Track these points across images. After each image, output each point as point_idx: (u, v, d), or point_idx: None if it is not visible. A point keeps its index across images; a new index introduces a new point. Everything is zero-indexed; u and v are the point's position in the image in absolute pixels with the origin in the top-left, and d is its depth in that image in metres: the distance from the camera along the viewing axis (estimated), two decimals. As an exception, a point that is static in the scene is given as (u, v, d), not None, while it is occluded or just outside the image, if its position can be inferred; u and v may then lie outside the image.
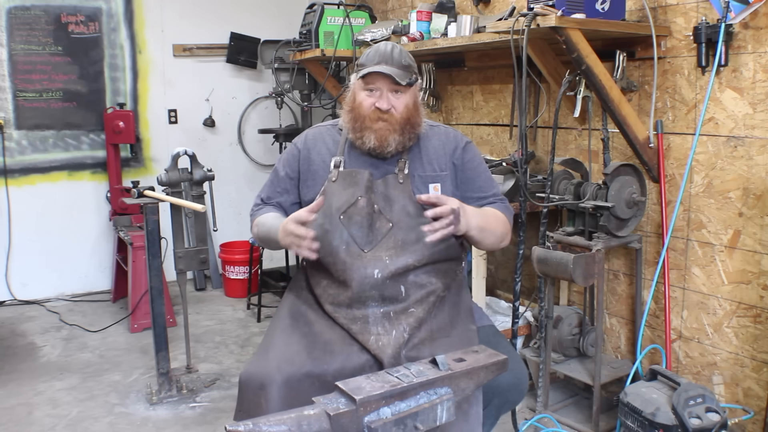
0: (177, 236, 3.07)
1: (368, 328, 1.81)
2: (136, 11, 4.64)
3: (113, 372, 3.38)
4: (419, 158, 2.00)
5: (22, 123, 4.42)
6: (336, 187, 1.94)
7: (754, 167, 2.43)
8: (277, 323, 1.95)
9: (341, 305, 1.88)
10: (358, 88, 1.96)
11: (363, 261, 1.86)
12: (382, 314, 1.83)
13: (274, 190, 2.09)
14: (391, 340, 1.77)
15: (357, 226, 1.89)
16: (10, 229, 4.45)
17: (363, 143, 1.94)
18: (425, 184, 1.97)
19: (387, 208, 1.92)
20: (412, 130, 1.95)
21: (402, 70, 1.91)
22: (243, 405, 1.74)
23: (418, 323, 1.83)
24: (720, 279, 2.59)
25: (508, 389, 1.82)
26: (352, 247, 1.88)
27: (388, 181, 1.95)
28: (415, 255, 1.88)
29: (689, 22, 2.57)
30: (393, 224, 1.90)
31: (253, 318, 4.21)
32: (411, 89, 1.95)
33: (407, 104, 1.94)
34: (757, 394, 2.48)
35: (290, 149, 2.10)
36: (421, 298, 1.87)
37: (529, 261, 2.76)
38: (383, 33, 3.68)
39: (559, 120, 2.88)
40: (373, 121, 1.91)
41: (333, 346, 1.79)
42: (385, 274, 1.84)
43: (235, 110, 5.09)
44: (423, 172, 1.99)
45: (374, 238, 1.89)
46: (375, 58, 1.92)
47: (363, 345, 1.79)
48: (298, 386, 1.69)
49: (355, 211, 1.90)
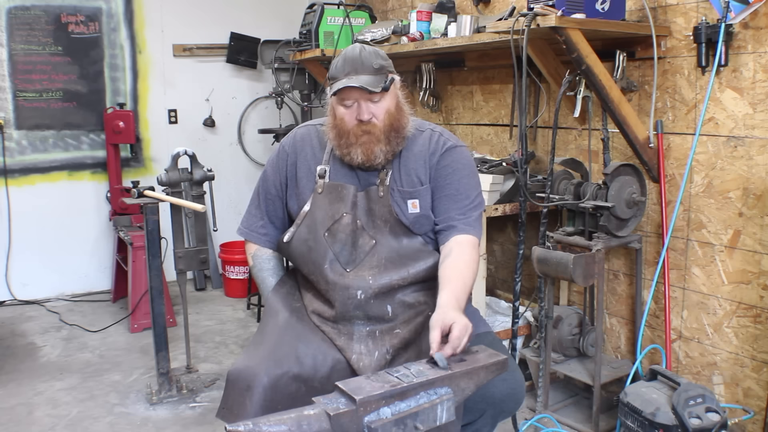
0: (177, 236, 3.07)
1: (351, 346, 1.79)
2: (136, 11, 4.64)
3: (113, 372, 3.38)
4: (398, 170, 1.91)
5: (22, 123, 4.42)
6: (322, 201, 1.91)
7: (754, 167, 2.43)
8: (270, 318, 1.92)
9: (327, 320, 1.87)
10: (335, 103, 1.86)
11: (346, 280, 1.83)
12: (368, 333, 1.82)
13: (266, 208, 2.05)
14: (372, 361, 1.76)
15: (340, 244, 1.86)
16: (10, 229, 4.45)
17: (351, 159, 1.87)
18: (404, 200, 1.89)
19: (369, 223, 1.88)
20: (397, 135, 1.87)
21: (374, 75, 1.80)
22: (227, 402, 1.73)
23: (403, 344, 1.81)
24: (720, 279, 2.59)
25: (503, 399, 1.77)
26: (334, 266, 1.85)
27: (370, 193, 1.90)
28: (399, 273, 1.84)
29: (689, 22, 2.57)
30: (376, 241, 1.87)
31: (253, 318, 4.21)
32: (390, 91, 1.84)
33: (388, 109, 1.84)
34: (757, 394, 2.48)
35: (279, 151, 2.05)
36: (408, 319, 1.84)
37: (529, 261, 2.76)
38: (383, 33, 3.68)
39: (559, 120, 2.88)
40: (357, 137, 1.83)
41: (324, 352, 1.79)
42: (368, 295, 1.81)
43: (235, 110, 5.09)
44: (402, 186, 1.90)
45: (357, 257, 1.86)
46: (344, 67, 1.81)
47: (347, 361, 1.78)
48: (284, 389, 1.69)
49: (339, 228, 1.87)
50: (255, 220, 2.07)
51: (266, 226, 2.05)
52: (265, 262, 2.05)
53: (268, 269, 2.05)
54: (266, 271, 2.05)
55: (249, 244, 2.09)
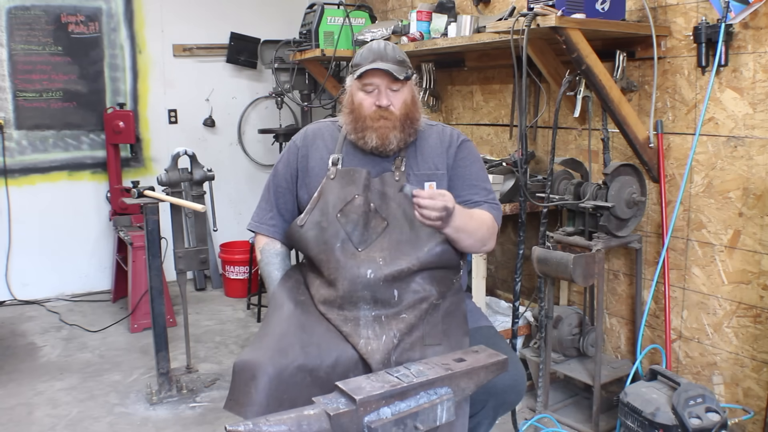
0: (177, 236, 3.07)
1: (358, 331, 1.80)
2: (136, 11, 4.64)
3: (113, 372, 3.38)
4: (415, 156, 2.00)
5: (22, 123, 4.42)
6: (334, 185, 1.95)
7: (754, 167, 2.43)
8: (275, 310, 1.93)
9: (333, 306, 1.87)
10: (355, 89, 1.96)
11: (356, 260, 1.86)
12: (374, 317, 1.83)
13: (276, 201, 2.09)
14: (380, 345, 1.76)
15: (353, 225, 1.90)
16: (10, 229, 4.45)
17: (365, 143, 1.94)
18: (420, 183, 1.97)
19: (383, 206, 1.92)
20: (411, 125, 1.96)
21: (397, 65, 1.91)
22: (233, 393, 1.74)
23: (409, 329, 1.81)
24: (720, 279, 2.59)
25: (505, 391, 1.80)
26: (346, 245, 1.88)
27: (385, 179, 1.95)
28: (410, 260, 1.86)
29: (689, 22, 2.57)
30: (388, 222, 1.90)
31: (253, 318, 4.21)
32: (408, 85, 1.95)
33: (405, 100, 1.94)
34: (757, 394, 2.48)
35: (290, 147, 2.10)
36: (413, 304, 1.86)
37: (529, 261, 2.76)
38: (383, 33, 3.68)
39: (559, 120, 2.88)
40: (374, 121, 1.91)
41: (328, 342, 1.79)
42: (378, 276, 1.83)
43: (235, 110, 5.09)
44: (419, 170, 1.98)
45: (369, 237, 1.90)
46: (369, 56, 1.92)
47: (353, 346, 1.78)
48: (289, 379, 1.69)
49: (352, 209, 1.91)
50: (264, 213, 2.11)
51: (275, 217, 2.08)
52: (272, 257, 2.08)
53: (275, 264, 2.07)
54: (272, 265, 2.07)
55: (258, 238, 2.12)
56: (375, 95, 1.92)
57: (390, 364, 1.72)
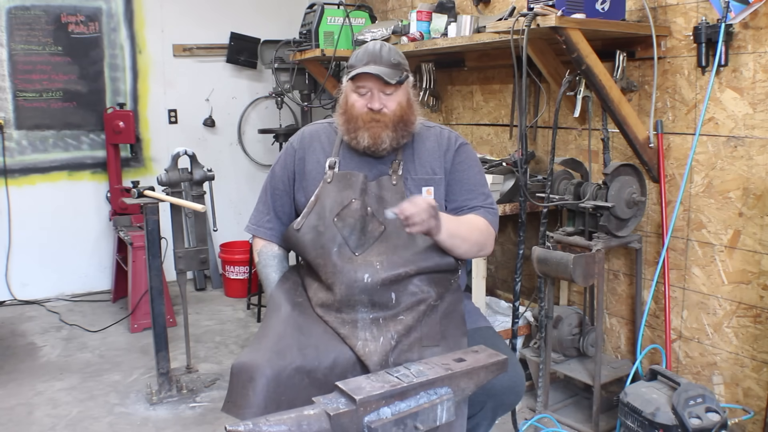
0: (177, 236, 3.07)
1: (356, 333, 1.80)
2: (136, 11, 4.64)
3: (113, 372, 3.38)
4: (413, 160, 1.99)
5: (22, 123, 4.42)
6: (331, 189, 1.94)
7: (754, 167, 2.43)
8: (272, 312, 1.93)
9: (330, 309, 1.87)
10: (349, 90, 1.95)
11: (353, 265, 1.86)
12: (371, 320, 1.82)
13: (273, 204, 2.09)
14: (378, 346, 1.76)
15: (349, 229, 1.90)
16: (10, 229, 4.45)
17: (357, 143, 1.94)
18: (418, 187, 1.96)
19: (380, 210, 1.91)
20: (405, 127, 1.95)
21: (391, 68, 1.90)
22: (231, 395, 1.74)
23: (407, 330, 1.81)
24: (720, 279, 2.59)
25: (503, 392, 1.80)
26: (343, 250, 1.88)
27: (382, 182, 1.95)
28: (407, 264, 1.86)
29: (689, 22, 2.57)
30: (385, 227, 1.90)
31: (253, 318, 4.21)
32: (403, 87, 1.94)
33: (400, 102, 1.92)
34: (757, 394, 2.48)
35: (287, 149, 2.10)
36: (411, 306, 1.85)
37: (529, 261, 2.76)
38: (383, 33, 3.68)
39: (559, 120, 2.88)
40: (366, 122, 1.91)
41: (326, 343, 1.79)
42: (375, 280, 1.83)
43: (235, 110, 5.09)
44: (416, 174, 1.98)
45: (366, 241, 1.89)
46: (364, 58, 1.92)
47: (351, 348, 1.78)
48: (287, 381, 1.69)
49: (349, 214, 1.90)
50: (261, 216, 2.11)
51: (272, 220, 2.08)
52: (270, 259, 2.08)
53: (273, 266, 2.07)
54: (270, 267, 2.07)
55: (256, 240, 2.13)
56: (368, 98, 1.92)
57: (388, 365, 1.72)
